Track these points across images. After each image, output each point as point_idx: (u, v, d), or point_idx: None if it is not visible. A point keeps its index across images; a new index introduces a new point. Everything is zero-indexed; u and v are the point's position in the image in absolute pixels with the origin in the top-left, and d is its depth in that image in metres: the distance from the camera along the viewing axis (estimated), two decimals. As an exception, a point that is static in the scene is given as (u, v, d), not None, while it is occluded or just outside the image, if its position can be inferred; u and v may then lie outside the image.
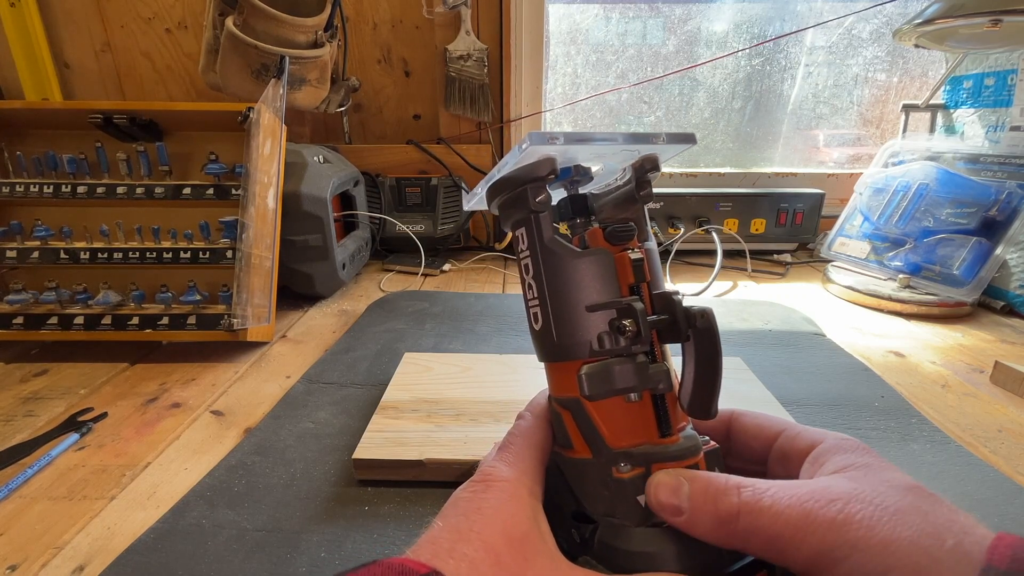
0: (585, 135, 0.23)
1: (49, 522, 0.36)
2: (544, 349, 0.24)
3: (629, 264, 0.23)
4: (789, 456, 0.23)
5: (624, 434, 0.22)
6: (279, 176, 0.65)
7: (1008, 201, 0.73)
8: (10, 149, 0.64)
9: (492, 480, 0.22)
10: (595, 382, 0.22)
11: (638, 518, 0.21)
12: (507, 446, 0.24)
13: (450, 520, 0.21)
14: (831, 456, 0.21)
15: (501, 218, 0.26)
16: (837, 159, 1.14)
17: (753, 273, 0.93)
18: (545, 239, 0.23)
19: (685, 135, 0.25)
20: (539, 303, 0.23)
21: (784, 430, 0.24)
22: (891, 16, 1.02)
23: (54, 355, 0.60)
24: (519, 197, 0.23)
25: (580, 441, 0.23)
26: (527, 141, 0.22)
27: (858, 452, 0.21)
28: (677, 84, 1.10)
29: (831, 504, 0.18)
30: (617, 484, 0.21)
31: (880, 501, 0.18)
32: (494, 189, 0.25)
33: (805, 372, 0.56)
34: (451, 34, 0.97)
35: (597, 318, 0.22)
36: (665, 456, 0.21)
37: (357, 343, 0.62)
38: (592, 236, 0.24)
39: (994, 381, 0.56)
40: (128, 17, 1.00)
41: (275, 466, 0.41)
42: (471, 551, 0.19)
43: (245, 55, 0.76)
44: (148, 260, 0.61)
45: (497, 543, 0.20)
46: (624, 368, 0.21)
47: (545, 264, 0.23)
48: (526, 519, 0.21)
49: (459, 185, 0.99)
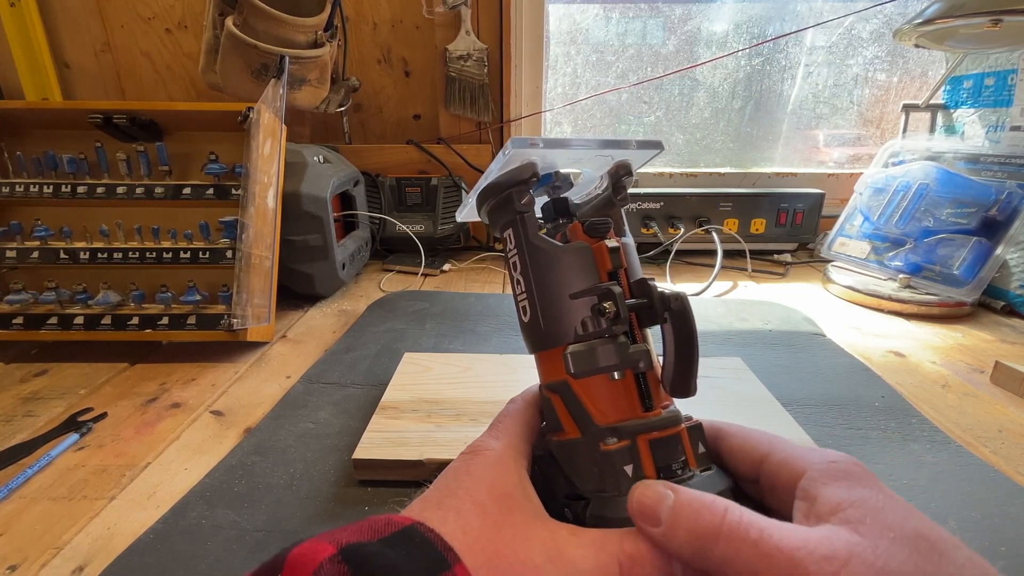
0: (562, 140, 0.26)
1: (49, 522, 0.36)
2: (533, 339, 0.26)
3: (607, 252, 0.24)
4: (776, 488, 0.21)
5: (610, 411, 0.23)
6: (279, 176, 0.65)
7: (1008, 201, 0.73)
8: (10, 149, 0.64)
9: (481, 449, 0.24)
10: (579, 360, 0.23)
11: (626, 487, 0.22)
12: (496, 424, 0.26)
13: (440, 482, 0.22)
14: (821, 488, 0.19)
15: (491, 224, 0.28)
16: (837, 159, 1.14)
17: (753, 273, 0.93)
18: (530, 236, 0.25)
19: (653, 142, 0.28)
20: (527, 296, 0.25)
21: (768, 454, 0.22)
22: (891, 16, 1.02)
23: (54, 355, 0.60)
24: (506, 200, 0.26)
25: (570, 422, 0.24)
26: (510, 146, 0.24)
27: (852, 480, 0.19)
28: (677, 84, 1.10)
29: (825, 561, 0.16)
30: (604, 456, 0.22)
31: (881, 564, 0.16)
32: (483, 196, 0.27)
33: (805, 372, 0.56)
34: (451, 34, 0.97)
35: (580, 304, 0.24)
36: (648, 427, 0.23)
37: (357, 343, 0.62)
38: (573, 231, 0.26)
39: (994, 381, 0.56)
40: (128, 17, 1.00)
41: (275, 466, 0.41)
42: (458, 504, 0.21)
43: (245, 55, 0.76)
44: (148, 260, 0.61)
45: (483, 497, 0.21)
46: (606, 348, 0.23)
47: (531, 259, 0.25)
48: (510, 481, 0.22)
49: (459, 185, 0.99)
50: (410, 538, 0.18)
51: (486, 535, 0.20)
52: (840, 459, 0.20)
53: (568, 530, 0.21)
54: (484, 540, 0.19)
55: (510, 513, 0.21)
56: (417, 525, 0.19)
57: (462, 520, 0.20)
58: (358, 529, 0.18)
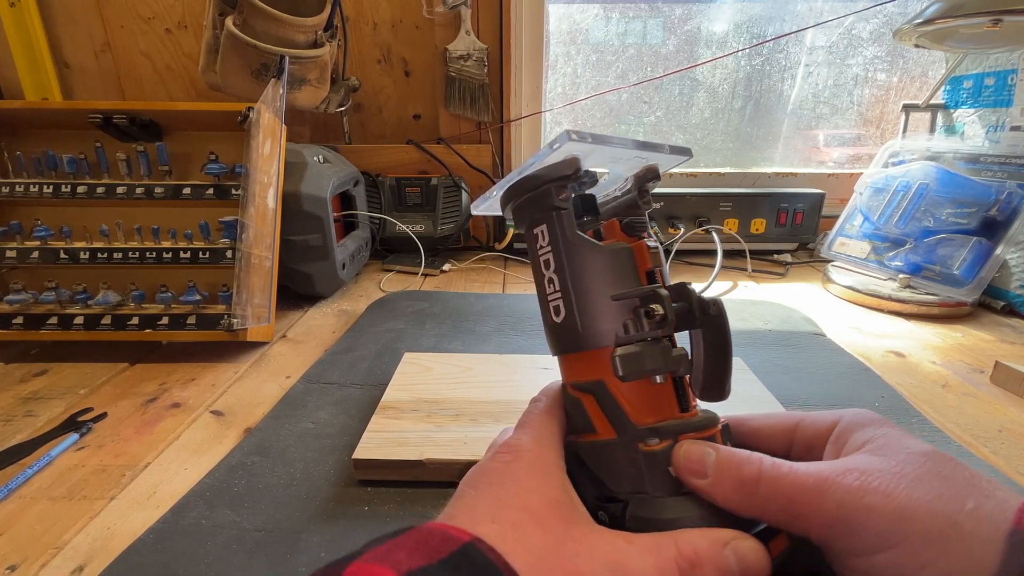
0: (607, 137, 0.25)
1: (49, 522, 0.36)
2: (566, 339, 0.25)
3: (647, 252, 0.24)
4: (813, 443, 0.23)
5: (648, 412, 0.23)
6: (279, 176, 0.65)
7: (1008, 201, 0.73)
8: (10, 149, 0.64)
9: (520, 451, 0.22)
10: (629, 363, 0.22)
11: (669, 488, 0.22)
12: (527, 423, 0.24)
13: (483, 488, 0.21)
14: (851, 434, 0.22)
15: (516, 217, 0.27)
16: (837, 159, 1.14)
17: (753, 273, 0.93)
18: (568, 234, 0.24)
19: (683, 148, 0.28)
20: (561, 296, 0.24)
21: (800, 420, 0.24)
22: (891, 16, 1.02)
23: (54, 355, 0.60)
24: (543, 195, 0.25)
25: (604, 423, 0.24)
26: (564, 138, 0.23)
27: (875, 425, 0.21)
28: (677, 84, 1.10)
29: (848, 473, 0.19)
30: (647, 457, 0.22)
31: (898, 469, 0.18)
32: (516, 189, 0.26)
33: (805, 372, 0.56)
34: (451, 34, 0.97)
35: (620, 306, 0.23)
36: (690, 427, 0.23)
37: (357, 343, 0.62)
38: (608, 228, 0.25)
39: (994, 381, 0.56)
40: (128, 17, 1.00)
41: (275, 466, 0.41)
42: (513, 515, 0.20)
43: (245, 55, 0.76)
44: (148, 260, 0.61)
45: (537, 507, 0.20)
46: (653, 351, 0.23)
47: (568, 258, 0.24)
48: (559, 487, 0.22)
49: (459, 185, 0.99)
50: (471, 560, 0.17)
51: (549, 553, 0.19)
52: (868, 412, 0.23)
53: (623, 538, 0.20)
54: (548, 559, 0.19)
55: (569, 525, 0.20)
56: (476, 542, 0.18)
57: (522, 537, 0.19)
58: (413, 548, 0.17)
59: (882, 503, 0.17)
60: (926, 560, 0.17)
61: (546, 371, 0.51)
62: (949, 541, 0.16)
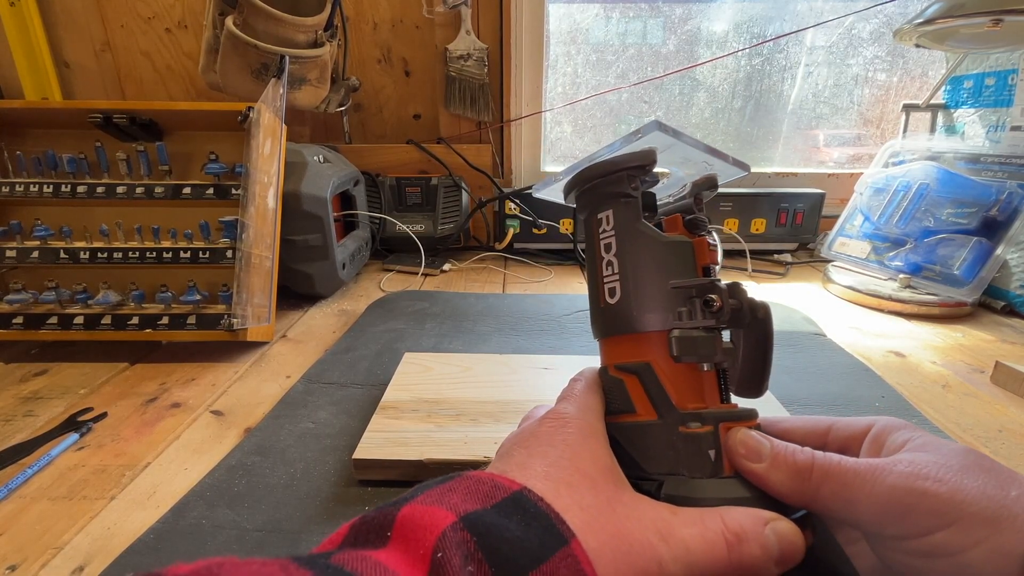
0: (685, 135, 0.27)
1: (49, 522, 0.36)
2: (618, 320, 0.26)
3: (707, 248, 0.25)
4: (847, 445, 0.24)
5: (691, 397, 0.24)
6: (279, 176, 0.65)
7: (1008, 201, 0.73)
8: (10, 149, 0.64)
9: (568, 419, 0.23)
10: (684, 345, 0.23)
11: (709, 470, 0.22)
12: (570, 396, 0.25)
13: (534, 448, 0.22)
14: (887, 436, 0.23)
15: (582, 202, 0.28)
16: (837, 159, 1.14)
17: (753, 273, 0.93)
18: (635, 222, 0.25)
19: (743, 163, 0.30)
20: (619, 279, 0.25)
21: (833, 423, 0.25)
22: (891, 16, 1.02)
23: (54, 355, 0.60)
24: (615, 181, 0.26)
25: (645, 404, 0.24)
26: (652, 127, 0.25)
27: (910, 429, 0.23)
28: (677, 84, 1.10)
29: (898, 463, 0.20)
30: (687, 439, 0.23)
31: (945, 461, 0.20)
32: (590, 172, 0.27)
33: (805, 372, 0.56)
34: (451, 34, 0.97)
35: (676, 295, 0.24)
36: (732, 416, 0.24)
37: (357, 343, 0.62)
38: (671, 223, 0.27)
39: (994, 381, 0.56)
40: (128, 17, 1.00)
41: (275, 466, 0.41)
42: (566, 475, 0.20)
43: (245, 55, 0.76)
44: (148, 260, 0.61)
45: (589, 469, 0.21)
46: (707, 339, 0.24)
47: (632, 244, 0.25)
48: (607, 453, 0.22)
49: (459, 185, 0.99)
50: (524, 508, 0.18)
51: (601, 513, 0.19)
52: (902, 420, 0.24)
53: (668, 509, 0.21)
54: (603, 519, 0.19)
55: (619, 489, 0.21)
56: (525, 491, 0.19)
57: (576, 495, 0.19)
58: (466, 493, 0.18)
59: (935, 487, 0.19)
60: (980, 537, 0.18)
61: (546, 371, 0.51)
62: (1001, 520, 0.18)
